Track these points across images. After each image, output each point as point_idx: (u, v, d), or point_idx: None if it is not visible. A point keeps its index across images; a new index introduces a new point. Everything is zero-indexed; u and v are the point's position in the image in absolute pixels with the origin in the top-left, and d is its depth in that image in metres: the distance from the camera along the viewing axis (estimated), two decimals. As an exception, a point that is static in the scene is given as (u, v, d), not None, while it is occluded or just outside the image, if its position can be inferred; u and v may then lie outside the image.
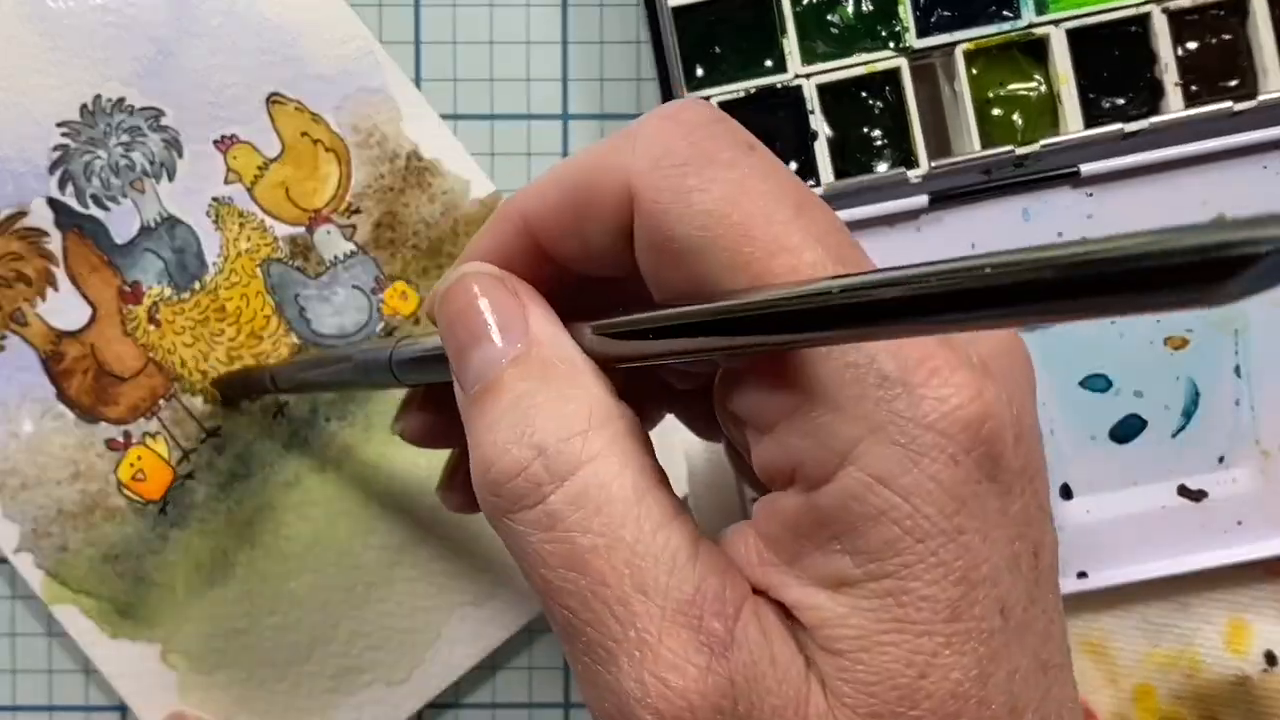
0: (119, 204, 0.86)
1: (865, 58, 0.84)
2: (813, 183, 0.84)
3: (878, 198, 0.83)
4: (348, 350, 0.80)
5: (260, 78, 0.87)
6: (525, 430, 0.51)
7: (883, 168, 0.85)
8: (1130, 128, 0.82)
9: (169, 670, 0.89)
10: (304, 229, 0.87)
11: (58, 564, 0.88)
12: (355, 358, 0.71)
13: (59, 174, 0.86)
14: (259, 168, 0.87)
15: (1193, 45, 0.84)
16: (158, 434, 0.88)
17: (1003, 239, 0.83)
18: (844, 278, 0.41)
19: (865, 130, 0.85)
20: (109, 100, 0.86)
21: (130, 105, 0.86)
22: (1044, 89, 0.85)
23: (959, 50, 0.83)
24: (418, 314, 0.88)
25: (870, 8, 0.84)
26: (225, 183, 0.87)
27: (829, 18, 0.84)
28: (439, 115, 0.88)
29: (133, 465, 0.88)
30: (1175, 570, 0.84)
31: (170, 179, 0.87)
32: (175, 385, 0.88)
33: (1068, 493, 0.85)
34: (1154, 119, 0.82)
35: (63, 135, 0.86)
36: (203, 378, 0.88)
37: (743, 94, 0.84)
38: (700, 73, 0.85)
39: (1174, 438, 0.85)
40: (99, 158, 0.86)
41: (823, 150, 0.84)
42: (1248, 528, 0.85)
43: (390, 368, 0.66)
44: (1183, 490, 0.85)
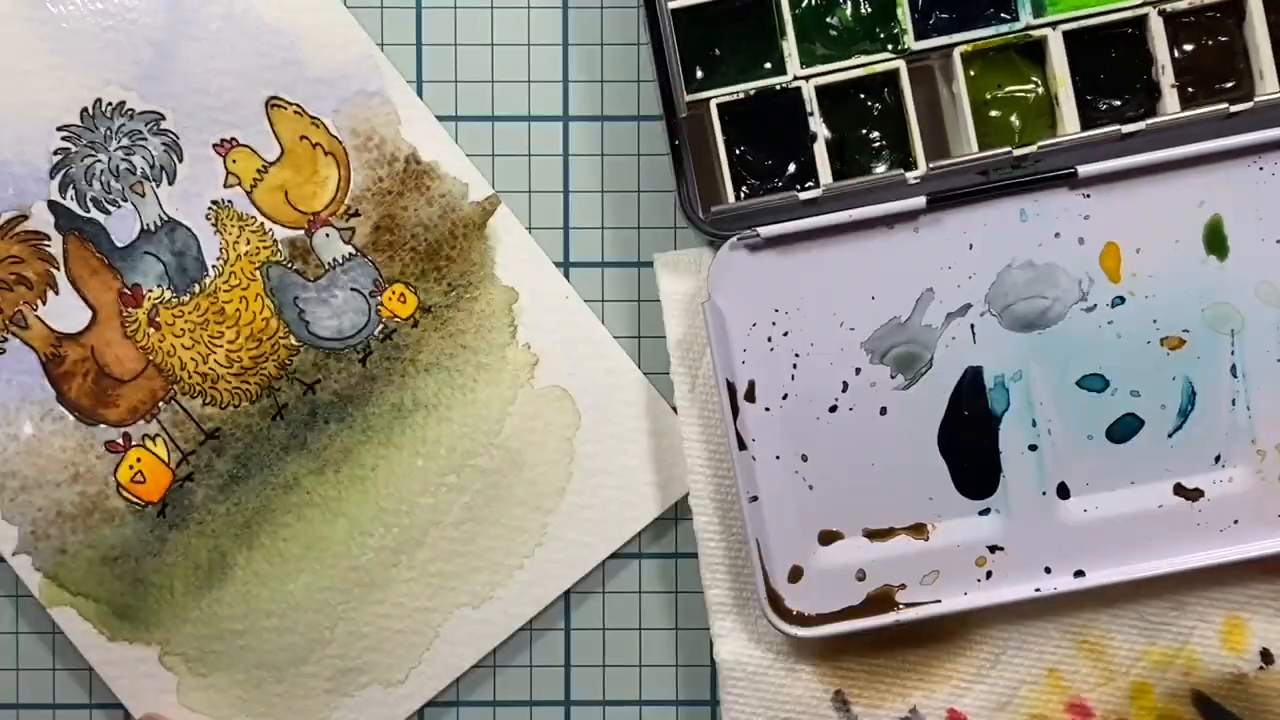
0: (119, 207, 0.87)
1: (864, 60, 0.84)
2: (811, 184, 0.84)
3: (876, 199, 0.83)
4: None
5: (259, 81, 0.87)
6: None
7: (881, 169, 0.86)
8: (1127, 129, 0.82)
9: (167, 672, 0.89)
10: (303, 232, 0.88)
11: (56, 566, 0.88)
12: None
13: (60, 177, 0.86)
14: (258, 171, 0.87)
15: (1189, 47, 0.85)
16: (157, 436, 0.88)
17: (1000, 240, 0.83)
18: None
19: (864, 131, 0.86)
20: (109, 104, 0.86)
21: (130, 109, 0.86)
22: (1041, 91, 0.86)
23: (957, 52, 0.84)
24: (415, 316, 0.88)
25: (869, 10, 0.85)
26: (225, 186, 0.87)
27: (828, 20, 0.85)
28: (440, 117, 0.89)
29: (132, 467, 0.88)
30: (1172, 569, 0.84)
31: (170, 182, 0.87)
32: (175, 387, 0.88)
33: (1065, 492, 0.85)
34: (1151, 120, 0.82)
35: (63, 139, 0.86)
36: (202, 380, 0.88)
37: (742, 96, 0.84)
38: (700, 75, 0.85)
39: (1170, 437, 0.85)
40: (99, 161, 0.86)
41: (821, 151, 0.84)
42: (1244, 527, 0.85)
43: None
44: (1179, 489, 0.85)
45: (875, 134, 0.86)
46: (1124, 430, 0.85)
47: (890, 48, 0.84)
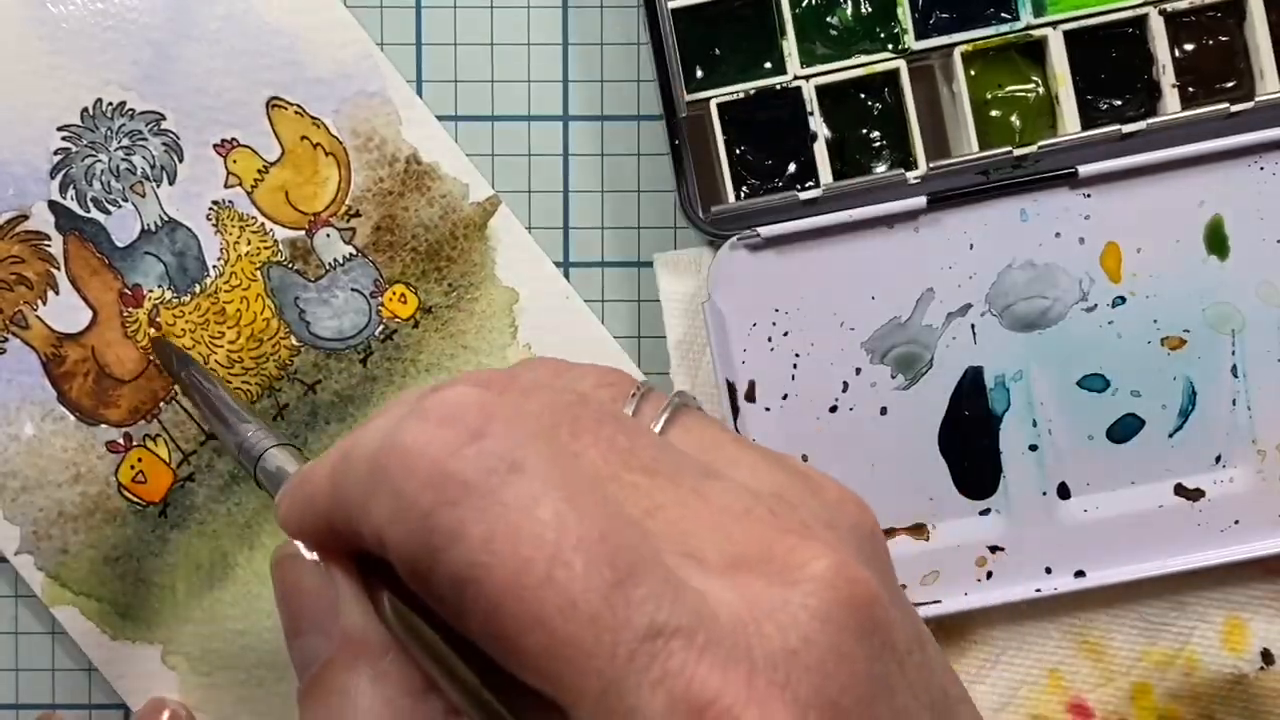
0: (120, 207, 0.87)
1: (864, 59, 0.84)
2: (812, 184, 0.85)
3: (876, 199, 0.83)
4: (241, 420, 0.77)
5: (259, 81, 0.87)
6: None
7: (881, 169, 0.86)
8: (1128, 129, 0.82)
9: (169, 671, 0.89)
10: (304, 232, 0.88)
11: (58, 566, 0.88)
12: (238, 433, 0.74)
13: (60, 177, 0.86)
14: (259, 171, 0.87)
15: (1190, 47, 0.85)
16: (158, 436, 0.88)
17: (1001, 240, 0.83)
18: None
19: (864, 131, 0.86)
20: (109, 104, 0.86)
21: (131, 109, 0.86)
22: (1042, 90, 0.86)
23: (957, 52, 0.84)
24: (416, 317, 0.88)
25: (869, 10, 0.85)
26: (225, 186, 0.87)
27: (828, 19, 0.85)
28: (439, 117, 0.89)
29: (133, 467, 0.88)
30: (1172, 569, 0.84)
31: (171, 182, 0.87)
32: (175, 388, 0.88)
33: (1065, 492, 0.85)
34: (1151, 120, 0.82)
35: (63, 139, 0.86)
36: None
37: (742, 95, 0.84)
38: (700, 74, 0.85)
39: (1171, 437, 0.85)
40: (100, 161, 0.87)
41: (822, 151, 0.84)
42: (1245, 527, 0.85)
43: (255, 471, 0.70)
44: (1180, 490, 0.85)
45: (875, 134, 0.86)
46: (1124, 430, 0.85)
47: (890, 47, 0.84)
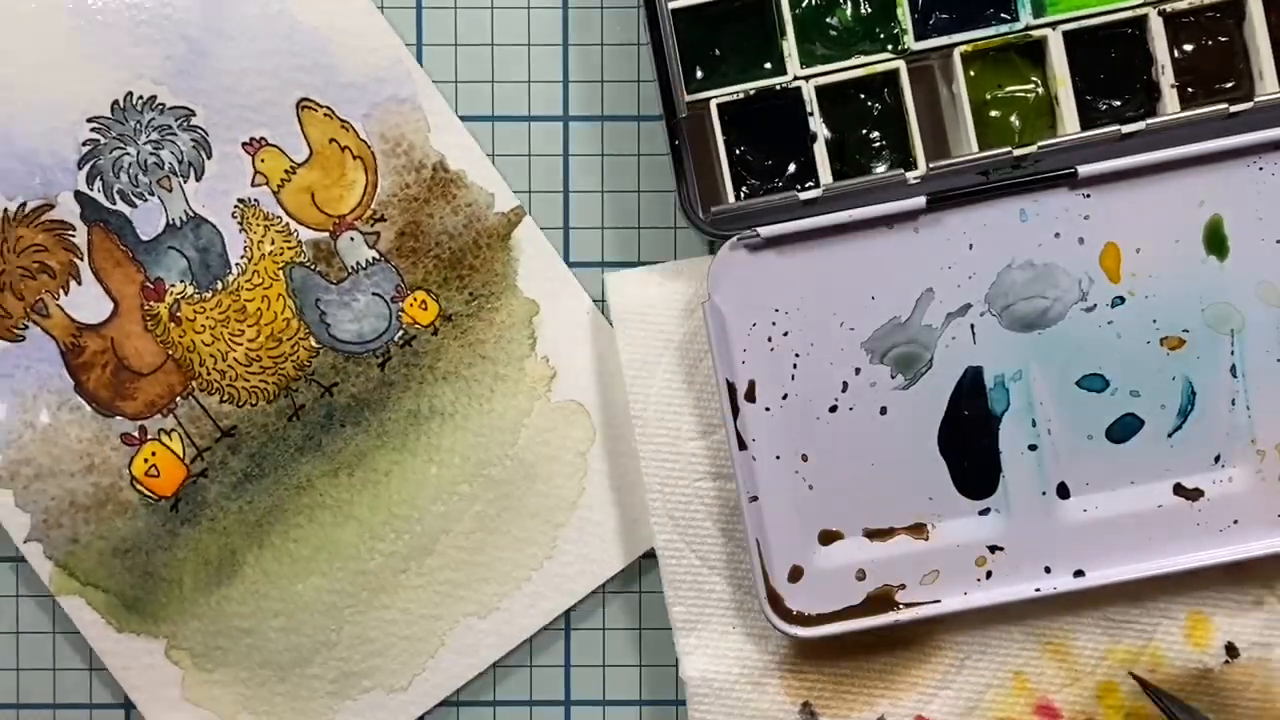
0: (146, 201, 0.88)
1: (864, 60, 0.86)
2: (811, 184, 0.86)
3: (876, 199, 0.85)
4: None
5: (291, 82, 0.88)
6: None
7: (881, 169, 0.87)
8: (1127, 129, 0.84)
9: (172, 666, 0.88)
10: (328, 234, 0.89)
11: (67, 555, 0.87)
12: None
13: (88, 168, 0.87)
14: (286, 171, 0.88)
15: (1189, 47, 0.87)
16: (173, 431, 0.88)
17: (1000, 240, 0.85)
18: None
19: (864, 131, 0.88)
20: (140, 98, 0.87)
21: (161, 104, 0.88)
22: (1041, 91, 0.87)
23: (957, 52, 0.86)
24: (436, 324, 0.89)
25: (869, 10, 0.87)
26: (252, 185, 0.88)
27: (828, 20, 0.87)
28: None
29: (147, 461, 0.88)
30: (1172, 569, 0.85)
31: (198, 178, 0.88)
32: (193, 383, 0.88)
33: (1064, 492, 0.86)
34: (1151, 120, 0.84)
35: (93, 130, 0.87)
36: (220, 377, 0.88)
37: (742, 96, 0.86)
38: (700, 75, 0.87)
39: (1170, 437, 0.86)
40: (128, 154, 0.87)
41: (821, 151, 0.86)
42: (1244, 527, 0.86)
43: None
44: (1179, 489, 0.86)
45: (875, 134, 0.88)
46: (1124, 430, 0.86)
47: (890, 48, 0.86)
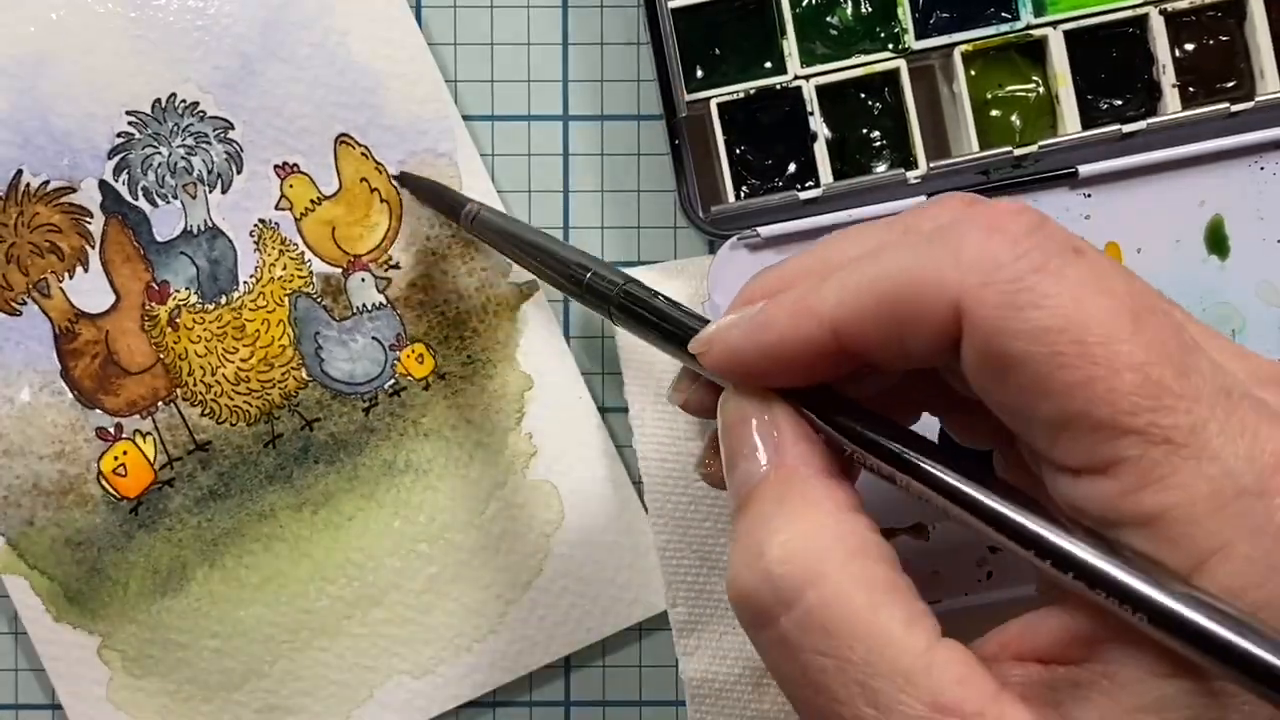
0: (168, 203, 0.87)
1: (864, 59, 0.85)
2: (812, 184, 0.85)
3: (877, 198, 0.83)
4: (566, 247, 0.78)
5: (334, 116, 0.87)
6: (757, 554, 0.52)
7: (882, 168, 0.86)
8: (1128, 129, 0.83)
9: (102, 665, 0.89)
10: (340, 271, 0.88)
11: (20, 535, 0.88)
12: (568, 260, 0.74)
13: (117, 160, 0.87)
14: (311, 201, 0.87)
15: (1190, 46, 0.86)
16: (149, 435, 0.88)
17: None
18: None
19: (864, 131, 0.87)
20: (183, 101, 0.87)
21: (202, 111, 0.87)
22: (1042, 90, 0.86)
23: (957, 52, 0.85)
24: (429, 379, 0.88)
25: (869, 10, 0.85)
26: (276, 208, 0.87)
27: (828, 19, 0.85)
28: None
29: (117, 459, 0.88)
30: None
31: (224, 191, 0.87)
32: (178, 391, 0.88)
33: None
34: (1151, 120, 0.83)
35: (129, 124, 0.87)
36: (206, 390, 0.88)
37: (742, 95, 0.85)
38: (700, 74, 0.86)
39: None
40: (159, 154, 0.87)
41: (822, 151, 0.85)
42: None
43: (610, 306, 0.68)
44: None
45: (875, 133, 0.86)
46: None
47: (890, 47, 0.85)
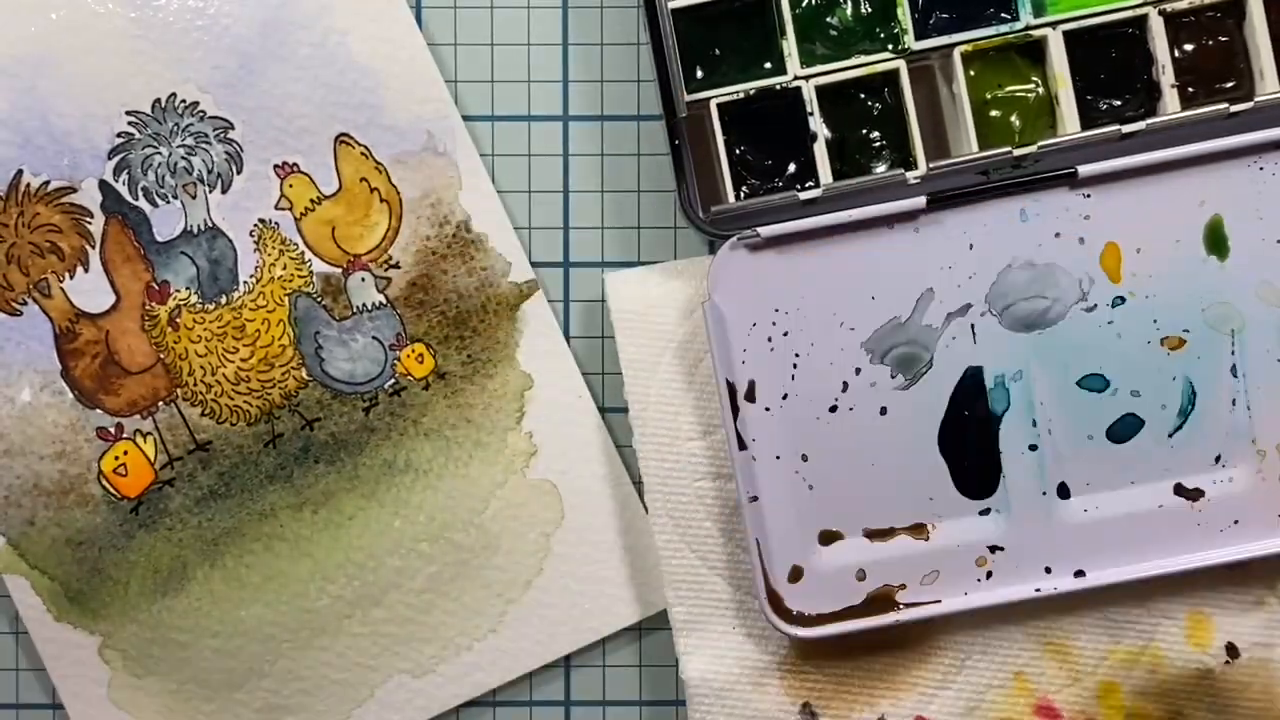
0: (168, 203, 0.88)
1: (864, 60, 0.86)
2: (812, 184, 0.86)
3: (876, 199, 0.84)
4: None
5: (334, 115, 0.89)
6: None
7: (881, 169, 0.87)
8: (1127, 129, 0.84)
9: (103, 665, 0.88)
10: (340, 271, 0.89)
11: (21, 535, 0.87)
12: None
13: (117, 160, 0.87)
14: (312, 201, 0.88)
15: (1189, 47, 0.87)
16: (149, 434, 0.88)
17: (1000, 240, 0.85)
18: None
19: (864, 131, 0.88)
20: (183, 101, 0.88)
21: (202, 111, 0.88)
22: (1041, 90, 0.88)
23: (957, 52, 0.86)
24: (429, 379, 0.89)
25: (869, 10, 0.87)
26: (276, 208, 0.88)
27: (828, 20, 0.87)
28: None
29: (118, 459, 0.88)
30: (1172, 569, 0.85)
31: (224, 191, 0.88)
32: (178, 391, 0.88)
33: (1065, 492, 0.86)
34: (1151, 120, 0.84)
35: (129, 124, 0.88)
36: (206, 390, 0.88)
37: (742, 95, 0.86)
38: (700, 74, 0.87)
39: (1171, 437, 0.86)
40: (159, 154, 0.88)
41: (821, 151, 0.86)
42: (1244, 527, 0.86)
43: None
44: (1179, 489, 0.86)
45: (875, 134, 0.88)
46: (1124, 430, 0.86)
47: (890, 48, 0.86)
